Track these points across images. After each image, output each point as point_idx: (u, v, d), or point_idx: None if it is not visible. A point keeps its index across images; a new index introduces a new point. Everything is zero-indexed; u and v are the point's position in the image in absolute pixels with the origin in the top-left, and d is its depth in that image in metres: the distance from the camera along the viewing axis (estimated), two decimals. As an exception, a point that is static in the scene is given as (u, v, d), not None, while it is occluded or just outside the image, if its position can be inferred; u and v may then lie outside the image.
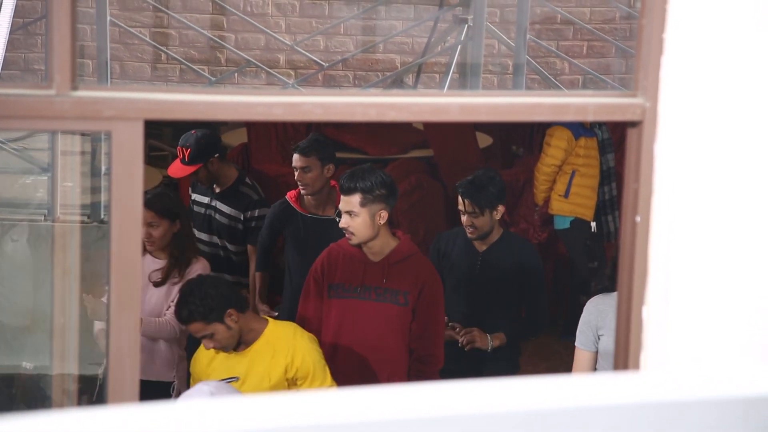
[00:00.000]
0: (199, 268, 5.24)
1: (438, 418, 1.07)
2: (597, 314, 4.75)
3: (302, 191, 5.87)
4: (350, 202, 4.83)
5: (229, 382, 4.41)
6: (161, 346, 5.21)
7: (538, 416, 1.07)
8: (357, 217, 4.83)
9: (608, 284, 4.90)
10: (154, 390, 5.01)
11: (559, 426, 1.08)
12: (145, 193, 5.23)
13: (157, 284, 5.18)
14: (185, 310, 4.44)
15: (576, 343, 4.82)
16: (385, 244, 4.92)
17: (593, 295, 4.92)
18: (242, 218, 6.06)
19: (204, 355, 4.61)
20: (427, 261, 5.08)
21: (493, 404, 1.06)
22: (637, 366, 3.07)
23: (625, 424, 1.11)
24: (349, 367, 4.92)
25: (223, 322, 4.45)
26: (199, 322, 4.43)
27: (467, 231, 5.33)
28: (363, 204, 4.83)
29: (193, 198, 6.22)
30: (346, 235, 4.89)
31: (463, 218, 5.32)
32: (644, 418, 1.12)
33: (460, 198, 5.31)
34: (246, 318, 4.51)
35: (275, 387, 4.47)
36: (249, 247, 6.11)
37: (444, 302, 5.41)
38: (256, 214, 6.08)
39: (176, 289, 5.07)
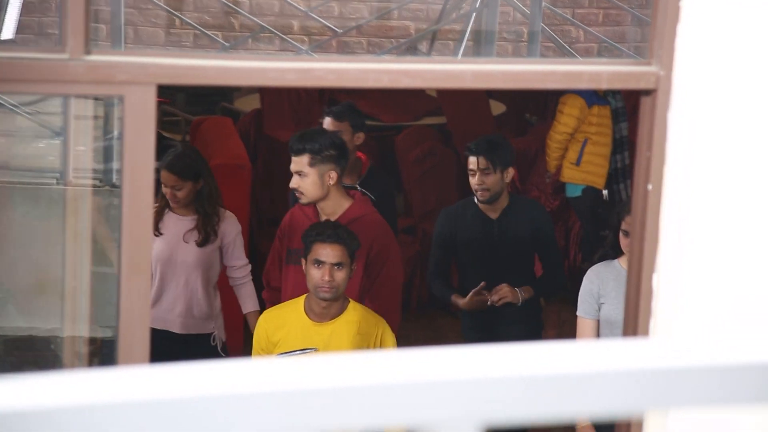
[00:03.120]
0: (231, 218, 5.29)
1: (447, 382, 1.08)
2: (598, 283, 4.77)
3: None
4: (299, 162, 4.91)
5: (304, 352, 4.43)
6: (199, 301, 5.27)
7: (546, 381, 1.07)
8: (306, 177, 4.90)
9: (609, 252, 4.89)
10: (194, 342, 5.23)
11: (567, 391, 1.08)
12: (166, 155, 5.26)
13: (200, 245, 5.21)
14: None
15: (578, 312, 4.84)
16: (337, 205, 4.95)
17: (594, 264, 4.94)
18: None
19: (273, 326, 4.55)
20: (381, 220, 5.02)
21: (505, 369, 1.06)
22: (646, 333, 3.08)
23: (633, 391, 1.11)
24: None
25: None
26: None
27: (478, 194, 5.26)
28: (312, 164, 4.89)
29: None
30: (296, 194, 4.95)
31: (473, 180, 5.25)
32: (652, 384, 1.12)
33: (471, 158, 5.28)
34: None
35: None
36: None
37: (457, 272, 5.40)
38: None
39: (216, 246, 5.22)
